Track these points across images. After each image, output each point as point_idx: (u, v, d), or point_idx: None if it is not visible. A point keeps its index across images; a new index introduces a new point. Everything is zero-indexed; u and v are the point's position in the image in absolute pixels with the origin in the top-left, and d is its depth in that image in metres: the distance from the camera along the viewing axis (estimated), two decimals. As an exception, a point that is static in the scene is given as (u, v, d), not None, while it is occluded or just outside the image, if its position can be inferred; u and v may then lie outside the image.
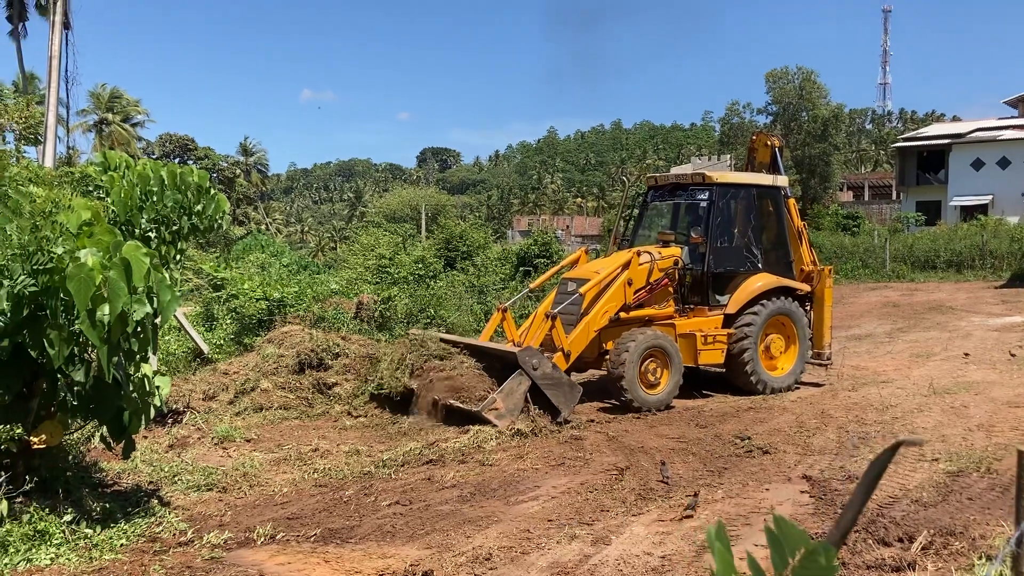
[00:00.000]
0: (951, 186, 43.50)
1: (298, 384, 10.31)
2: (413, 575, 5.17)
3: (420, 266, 19.12)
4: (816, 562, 0.82)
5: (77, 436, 7.24)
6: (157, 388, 5.99)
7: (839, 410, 9.64)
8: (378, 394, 9.93)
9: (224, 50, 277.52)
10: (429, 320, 13.89)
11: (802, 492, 6.72)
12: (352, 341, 11.40)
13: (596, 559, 5.33)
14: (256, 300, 12.79)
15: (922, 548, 5.25)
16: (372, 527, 6.08)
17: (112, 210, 7.53)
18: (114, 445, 6.00)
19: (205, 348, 11.61)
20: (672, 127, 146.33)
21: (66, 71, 26.72)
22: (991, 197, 41.66)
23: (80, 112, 48.70)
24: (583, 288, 10.19)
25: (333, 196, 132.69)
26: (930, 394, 10.26)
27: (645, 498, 6.62)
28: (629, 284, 10.38)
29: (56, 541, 5.36)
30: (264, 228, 60.74)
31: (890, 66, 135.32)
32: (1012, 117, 46.84)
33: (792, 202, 12.02)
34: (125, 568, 5.22)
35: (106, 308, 4.99)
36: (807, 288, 11.64)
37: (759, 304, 10.93)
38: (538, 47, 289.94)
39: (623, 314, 10.41)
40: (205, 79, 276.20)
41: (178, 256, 8.47)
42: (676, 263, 10.78)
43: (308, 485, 7.17)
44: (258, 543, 5.77)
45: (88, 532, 5.57)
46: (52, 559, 5.18)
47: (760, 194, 11.53)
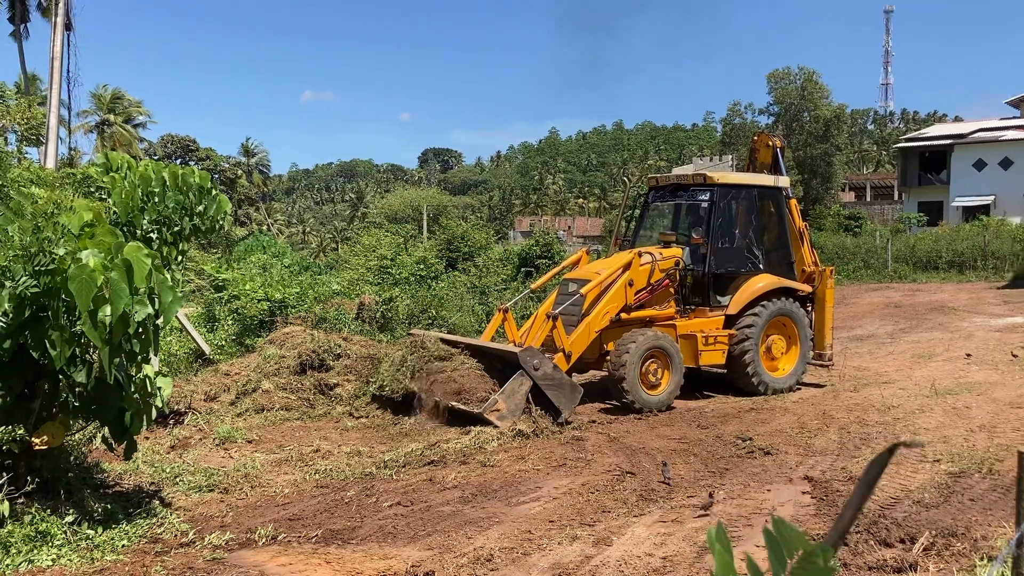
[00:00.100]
0: (953, 187, 43.47)
1: (299, 385, 10.32)
2: (414, 576, 5.17)
3: (422, 267, 19.13)
4: (814, 563, 0.82)
5: (79, 437, 7.25)
6: (159, 389, 5.99)
7: (841, 411, 9.63)
8: (379, 395, 9.93)
9: (226, 51, 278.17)
10: (431, 321, 13.90)
11: (804, 493, 6.72)
12: (353, 342, 11.41)
13: (597, 560, 5.33)
14: (258, 301, 12.80)
15: (924, 549, 5.24)
16: (373, 528, 6.08)
17: (114, 211, 7.53)
18: (116, 446, 6.00)
19: (207, 349, 11.61)
20: (674, 127, 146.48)
21: (68, 72, 26.78)
22: (993, 197, 41.63)
23: (81, 113, 48.72)
24: (584, 289, 10.18)
25: (335, 197, 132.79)
26: (932, 395, 10.25)
27: (646, 499, 6.62)
28: (630, 285, 10.38)
29: (58, 542, 5.36)
30: (266, 229, 60.78)
31: (892, 66, 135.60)
32: (1014, 117, 46.78)
33: (793, 203, 12.01)
34: (127, 569, 5.22)
35: (108, 309, 4.99)
36: (808, 289, 11.63)
37: (760, 305, 10.92)
38: (539, 47, 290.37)
39: (624, 315, 10.40)
40: (207, 80, 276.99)
41: (180, 257, 8.47)
42: (677, 264, 10.77)
43: (309, 486, 7.17)
44: (259, 544, 5.77)
45: (90, 533, 5.58)
46: (53, 560, 5.18)
47: (761, 195, 11.52)
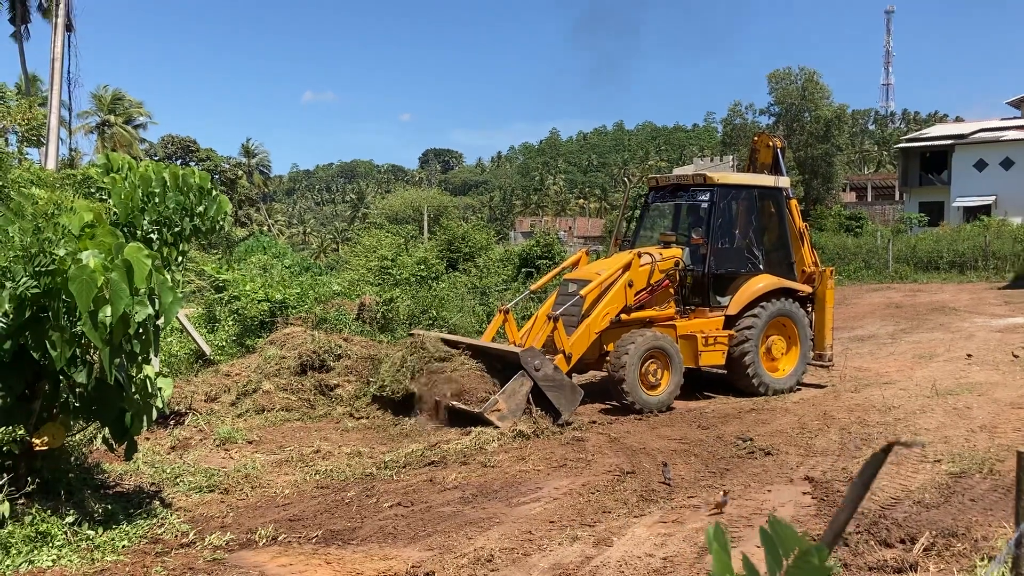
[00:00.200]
0: (954, 187, 43.46)
1: (300, 386, 10.33)
2: (414, 576, 5.17)
3: (422, 267, 19.12)
4: (809, 562, 0.82)
5: (79, 438, 7.25)
6: (159, 390, 6.00)
7: (841, 411, 9.63)
8: (380, 396, 9.93)
9: (226, 52, 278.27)
10: (431, 321, 13.90)
11: (804, 493, 6.71)
12: (354, 343, 11.41)
13: (598, 560, 5.33)
14: (258, 301, 12.81)
15: (924, 549, 5.24)
16: (374, 528, 6.08)
17: (114, 212, 7.54)
18: (116, 447, 6.01)
19: (207, 350, 11.61)
20: (674, 128, 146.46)
21: (68, 73, 26.81)
22: (994, 198, 41.61)
23: (82, 114, 48.73)
24: (584, 290, 10.18)
25: (335, 197, 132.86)
26: (933, 395, 10.25)
27: (647, 499, 6.62)
28: (630, 286, 10.37)
29: (58, 543, 5.36)
30: (266, 229, 60.81)
31: (893, 67, 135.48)
32: (1015, 118, 46.76)
33: (794, 203, 12.00)
34: (127, 570, 5.23)
35: (108, 310, 5.00)
36: (808, 289, 11.62)
37: (760, 305, 10.91)
38: (539, 47, 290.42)
39: (624, 316, 10.40)
40: (207, 81, 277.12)
41: (180, 258, 8.47)
42: (677, 264, 10.77)
43: (310, 487, 7.18)
44: (260, 544, 5.77)
45: (90, 533, 5.58)
46: (54, 560, 5.19)
47: (761, 195, 11.51)
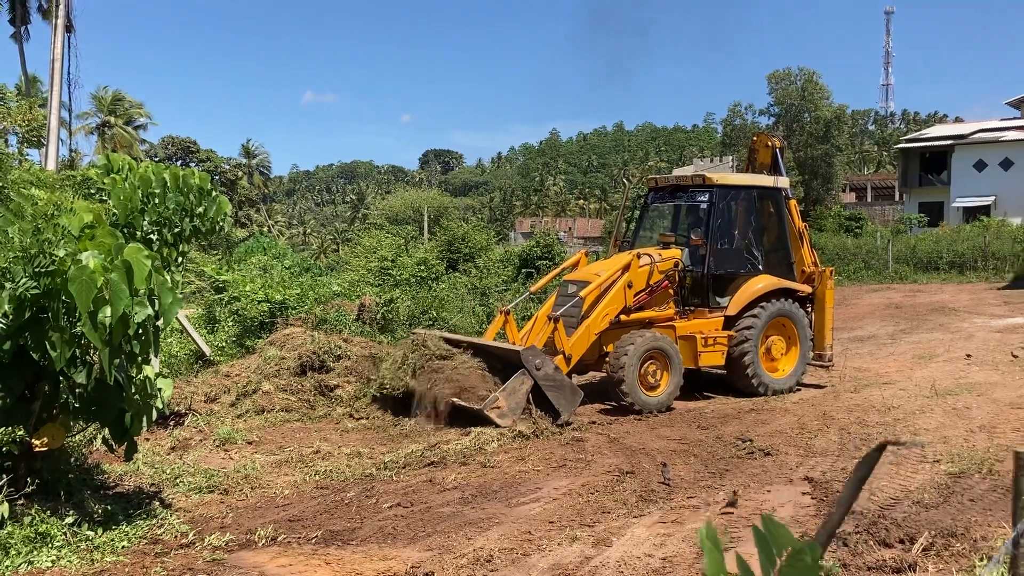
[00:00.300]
0: (954, 187, 43.48)
1: (300, 386, 10.33)
2: (414, 577, 5.18)
3: (422, 268, 19.13)
4: (802, 561, 0.82)
5: (79, 438, 7.26)
6: (159, 390, 6.00)
7: (841, 412, 9.64)
8: (380, 396, 9.93)
9: (226, 53, 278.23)
10: (431, 322, 13.91)
11: (804, 494, 6.71)
12: (354, 343, 11.41)
13: (597, 561, 5.33)
14: (258, 302, 12.81)
15: (923, 549, 5.24)
16: (373, 529, 6.08)
17: (113, 213, 7.54)
18: (116, 447, 6.01)
19: (207, 350, 11.62)
20: (674, 129, 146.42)
21: (68, 74, 26.85)
22: (994, 198, 41.63)
23: (82, 115, 48.71)
24: (583, 291, 10.19)
25: (335, 198, 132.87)
26: (932, 395, 10.25)
27: (646, 500, 6.62)
28: (629, 287, 10.38)
29: (57, 543, 5.37)
30: (266, 230, 60.79)
31: (892, 67, 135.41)
32: (1014, 118, 46.79)
33: (793, 203, 12.00)
34: (126, 570, 5.23)
35: (108, 310, 5.00)
36: (808, 289, 11.63)
37: (760, 306, 10.92)
38: (539, 48, 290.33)
39: (623, 317, 10.41)
40: (207, 82, 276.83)
41: (180, 258, 8.49)
42: (676, 265, 10.77)
43: (309, 487, 7.18)
44: (259, 545, 5.78)
45: (90, 534, 5.58)
46: (53, 561, 5.19)
47: (761, 195, 11.52)
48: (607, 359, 10.13)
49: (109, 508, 6.09)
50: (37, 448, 5.66)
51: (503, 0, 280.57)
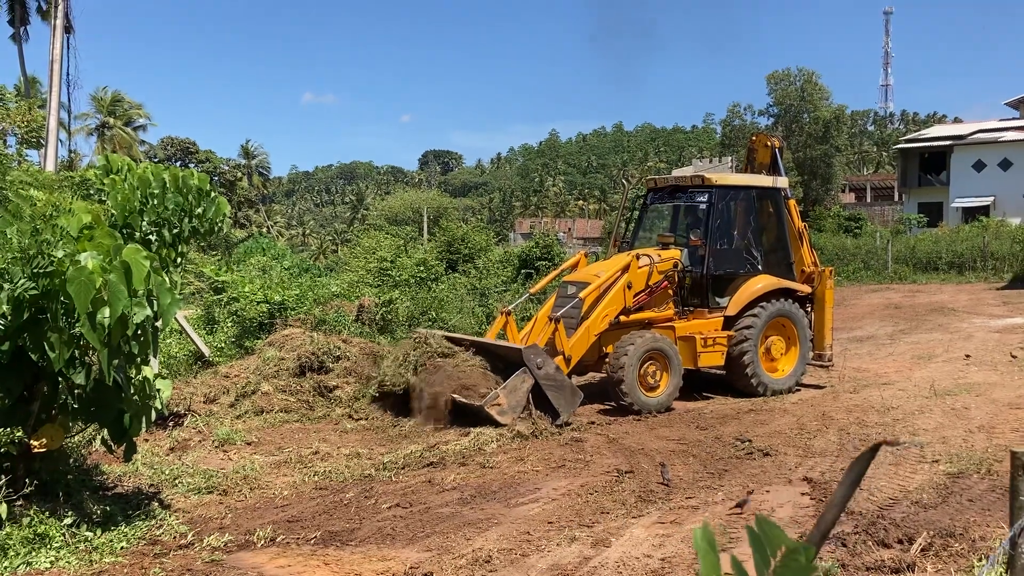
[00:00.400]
0: (953, 187, 43.51)
1: (299, 387, 10.33)
2: (413, 577, 5.17)
3: (422, 269, 19.13)
4: (797, 561, 0.83)
5: (78, 439, 7.26)
6: (158, 391, 6.00)
7: (840, 412, 9.64)
8: (380, 395, 9.94)
9: (225, 53, 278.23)
10: (431, 323, 13.91)
11: (803, 494, 6.71)
12: (353, 344, 11.41)
13: (596, 561, 5.33)
14: (257, 303, 12.81)
15: (922, 550, 5.24)
16: (372, 529, 6.08)
17: (112, 213, 7.54)
18: (115, 448, 6.01)
19: (206, 351, 11.62)
20: (673, 129, 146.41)
21: (67, 75, 26.85)
22: (992, 198, 41.67)
23: (81, 116, 48.67)
24: (583, 293, 10.20)
25: (335, 199, 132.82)
26: (931, 396, 10.26)
27: (645, 500, 6.62)
28: (628, 287, 10.38)
29: (56, 544, 5.36)
30: (265, 231, 60.79)
31: (891, 68, 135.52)
32: (1013, 119, 46.85)
33: (792, 203, 12.01)
34: (125, 571, 5.23)
35: (106, 311, 5.00)
36: (808, 289, 11.63)
37: (759, 306, 10.92)
38: (539, 49, 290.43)
39: (623, 317, 10.41)
40: (207, 82, 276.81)
41: (179, 259, 8.47)
42: (675, 266, 10.78)
43: (308, 488, 7.18)
44: (258, 545, 5.78)
45: (88, 535, 5.58)
46: (52, 562, 5.19)
47: (760, 195, 11.52)
48: (607, 360, 10.13)
49: (108, 509, 6.09)
50: (36, 449, 5.65)
51: (503, 0, 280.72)
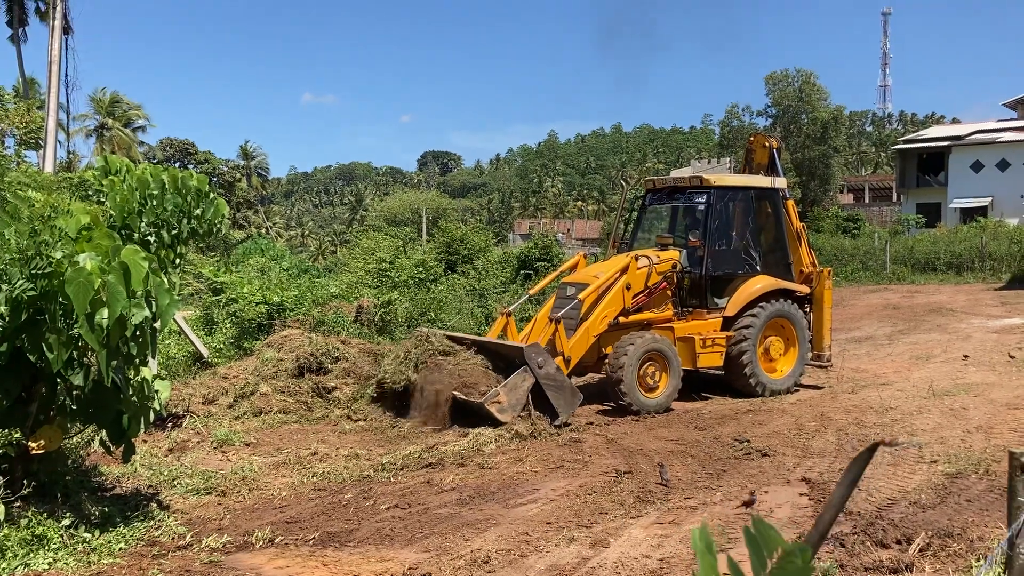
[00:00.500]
0: (951, 188, 43.56)
1: (297, 388, 10.32)
2: (411, 578, 5.17)
3: (420, 270, 19.14)
4: (793, 563, 0.83)
5: (76, 440, 7.25)
6: (156, 392, 6.00)
7: (838, 412, 9.64)
8: (378, 395, 9.95)
9: (224, 54, 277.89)
10: (429, 324, 13.91)
11: (801, 495, 6.72)
12: (352, 345, 11.41)
13: (594, 562, 5.33)
14: (256, 304, 12.81)
15: (920, 550, 5.25)
16: (371, 530, 6.08)
17: (110, 214, 7.54)
18: (113, 449, 6.01)
19: (205, 352, 11.61)
20: (672, 130, 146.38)
21: (66, 76, 26.83)
22: (990, 199, 41.71)
23: (80, 117, 48.60)
24: (582, 294, 10.20)
25: (333, 200, 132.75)
26: (929, 396, 10.27)
27: (644, 500, 6.62)
28: (627, 288, 10.39)
29: (54, 545, 5.35)
30: (264, 232, 60.75)
31: (890, 68, 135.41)
32: (1011, 119, 46.90)
33: (791, 203, 12.02)
34: (123, 572, 5.22)
35: (105, 312, 5.00)
36: (806, 290, 11.64)
37: (758, 306, 10.93)
38: (538, 49, 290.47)
39: (622, 318, 10.41)
40: (205, 83, 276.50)
41: (177, 260, 8.47)
42: (674, 267, 10.79)
43: (307, 489, 7.18)
44: (257, 547, 5.78)
45: (86, 536, 5.57)
46: (50, 563, 5.18)
47: (758, 196, 11.53)
48: (606, 361, 10.14)
49: (106, 510, 6.09)
50: (34, 450, 5.65)
51: (503, 0, 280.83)
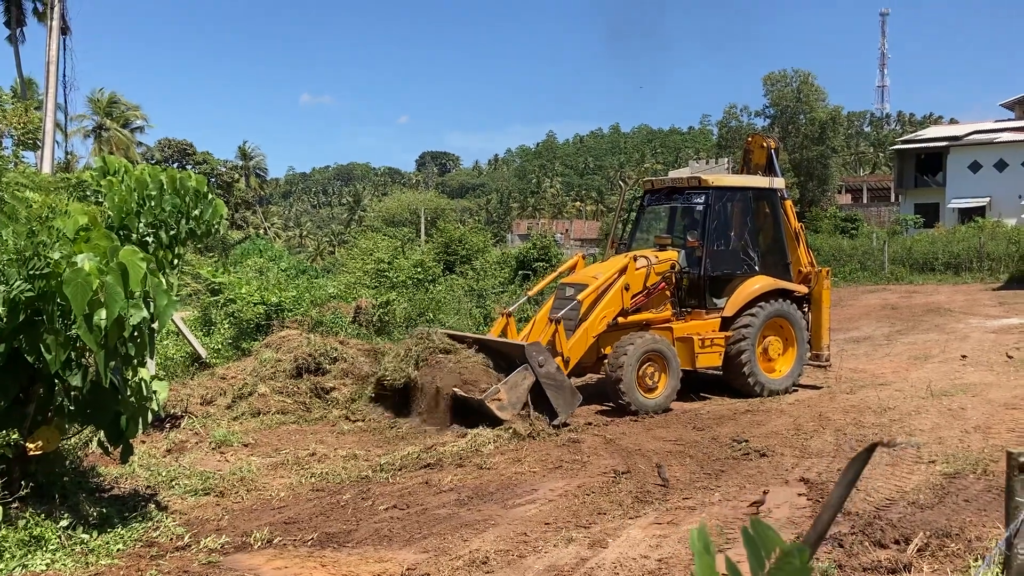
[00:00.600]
0: (949, 188, 43.60)
1: (296, 389, 10.31)
2: (410, 579, 5.17)
3: (419, 270, 19.15)
4: (791, 563, 0.83)
5: (75, 441, 7.24)
6: (154, 393, 5.99)
7: (837, 412, 9.65)
8: (377, 395, 9.94)
9: (223, 54, 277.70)
10: (428, 324, 13.91)
11: (799, 495, 6.72)
12: (350, 345, 11.40)
13: (593, 562, 5.33)
14: (254, 305, 12.80)
15: (918, 550, 5.25)
16: (369, 531, 6.08)
17: (108, 215, 7.53)
18: (111, 450, 6.00)
19: (203, 353, 11.60)
20: (670, 131, 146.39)
21: (64, 76, 26.76)
22: (988, 199, 41.75)
23: (78, 117, 48.53)
24: (581, 295, 10.20)
25: (332, 200, 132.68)
26: (928, 396, 10.27)
27: (642, 501, 6.62)
28: (626, 289, 10.39)
29: (52, 546, 5.35)
30: (263, 232, 60.73)
31: (888, 69, 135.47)
32: (1009, 120, 46.97)
33: (789, 204, 12.03)
34: (121, 573, 5.22)
35: (103, 313, 4.99)
36: (805, 290, 11.65)
37: (757, 307, 10.93)
38: (537, 50, 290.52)
39: (621, 319, 10.42)
40: (204, 84, 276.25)
41: (176, 261, 8.46)
42: (673, 267, 10.79)
43: (305, 489, 7.17)
44: (255, 547, 5.77)
45: (84, 537, 5.57)
46: (48, 564, 5.17)
47: (756, 196, 11.53)
48: (605, 361, 10.14)
49: (104, 511, 6.08)
50: (32, 451, 5.64)
51: (502, 1, 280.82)
